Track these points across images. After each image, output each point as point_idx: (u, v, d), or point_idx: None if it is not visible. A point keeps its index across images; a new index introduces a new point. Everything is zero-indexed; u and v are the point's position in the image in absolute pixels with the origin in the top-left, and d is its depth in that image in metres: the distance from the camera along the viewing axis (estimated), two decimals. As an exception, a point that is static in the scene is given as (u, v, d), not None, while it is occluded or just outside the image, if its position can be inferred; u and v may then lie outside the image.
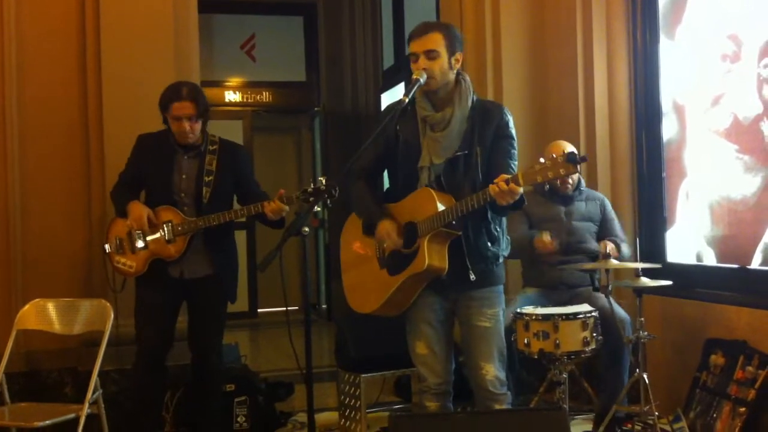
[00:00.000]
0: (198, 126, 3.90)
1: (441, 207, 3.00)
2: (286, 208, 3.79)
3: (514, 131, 3.16)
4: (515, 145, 3.15)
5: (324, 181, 3.47)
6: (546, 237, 4.22)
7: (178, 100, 3.84)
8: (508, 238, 3.27)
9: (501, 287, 3.24)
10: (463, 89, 3.15)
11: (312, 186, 3.50)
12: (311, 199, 3.48)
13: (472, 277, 3.08)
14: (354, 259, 3.35)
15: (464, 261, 3.07)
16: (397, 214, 3.17)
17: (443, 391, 3.22)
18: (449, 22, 3.54)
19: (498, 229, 3.17)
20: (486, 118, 3.12)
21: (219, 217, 3.81)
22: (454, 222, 2.99)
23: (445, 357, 3.22)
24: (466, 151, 3.08)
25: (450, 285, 3.13)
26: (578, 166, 2.74)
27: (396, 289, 3.12)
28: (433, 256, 3.02)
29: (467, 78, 3.20)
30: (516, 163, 3.13)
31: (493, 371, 3.13)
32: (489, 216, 3.11)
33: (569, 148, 4.47)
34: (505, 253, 3.23)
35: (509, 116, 3.16)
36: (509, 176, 2.83)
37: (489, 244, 3.13)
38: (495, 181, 2.83)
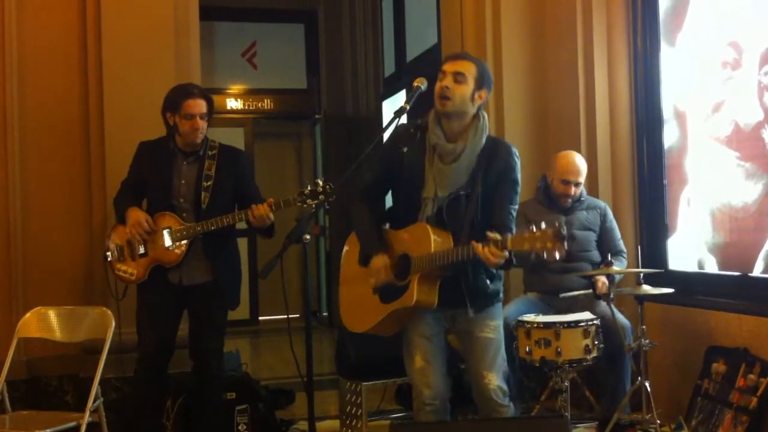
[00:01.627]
0: (205, 126, 3.92)
1: (435, 246, 3.01)
2: (272, 216, 3.78)
3: (519, 175, 3.18)
4: (518, 189, 3.18)
5: (321, 183, 3.47)
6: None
7: (192, 98, 3.87)
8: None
9: (500, 303, 3.27)
10: (479, 126, 3.15)
11: (309, 188, 3.50)
12: (308, 201, 3.48)
13: (471, 314, 3.12)
14: (352, 276, 3.36)
15: (464, 299, 3.10)
16: (394, 242, 3.19)
17: (439, 408, 3.20)
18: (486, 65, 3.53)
19: None
20: (494, 159, 3.13)
21: (217, 222, 3.80)
22: (444, 266, 3.02)
23: (441, 369, 3.22)
24: (470, 191, 3.10)
25: (448, 305, 3.15)
26: (564, 243, 2.74)
27: (385, 317, 3.16)
28: (422, 293, 3.05)
29: (486, 116, 3.21)
30: (516, 207, 3.17)
31: (496, 381, 3.14)
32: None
33: (582, 175, 4.47)
34: (501, 284, 3.25)
35: (517, 159, 3.18)
36: (498, 239, 2.83)
37: (488, 282, 3.15)
38: (484, 244, 2.84)
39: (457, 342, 3.34)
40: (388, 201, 3.42)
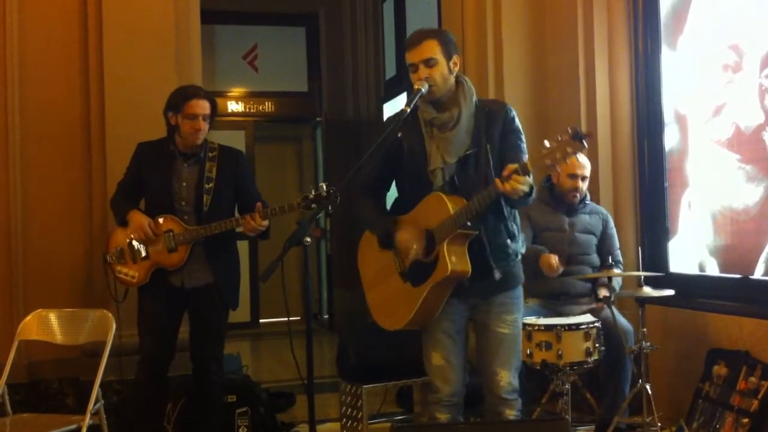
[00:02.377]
0: (208, 127, 3.92)
1: (453, 209, 2.97)
2: (265, 223, 3.78)
3: (520, 125, 3.16)
4: (523, 138, 3.14)
5: (325, 187, 3.47)
6: (554, 260, 4.21)
7: (196, 98, 3.87)
8: (524, 235, 3.26)
9: (520, 289, 3.24)
10: (466, 89, 3.15)
11: (313, 192, 3.50)
12: (313, 205, 3.48)
13: (498, 275, 3.06)
14: (375, 276, 3.30)
15: (487, 261, 3.05)
16: (409, 224, 3.14)
17: (455, 403, 3.19)
18: (444, 29, 3.52)
19: (514, 225, 3.16)
20: (491, 117, 3.12)
21: (220, 225, 3.80)
22: (468, 223, 2.97)
23: (460, 368, 3.20)
24: (476, 149, 3.08)
25: (472, 288, 3.10)
26: (584, 142, 2.70)
27: (423, 300, 3.07)
28: (454, 261, 2.99)
29: (467, 79, 3.21)
30: (526, 156, 3.11)
31: (508, 377, 3.13)
32: (505, 213, 3.10)
33: (588, 168, 4.48)
34: (523, 250, 3.22)
35: (513, 111, 3.17)
36: (516, 165, 2.80)
37: (509, 240, 3.12)
38: (504, 174, 2.81)
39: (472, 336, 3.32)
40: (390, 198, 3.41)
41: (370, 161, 3.16)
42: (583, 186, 4.46)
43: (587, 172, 4.48)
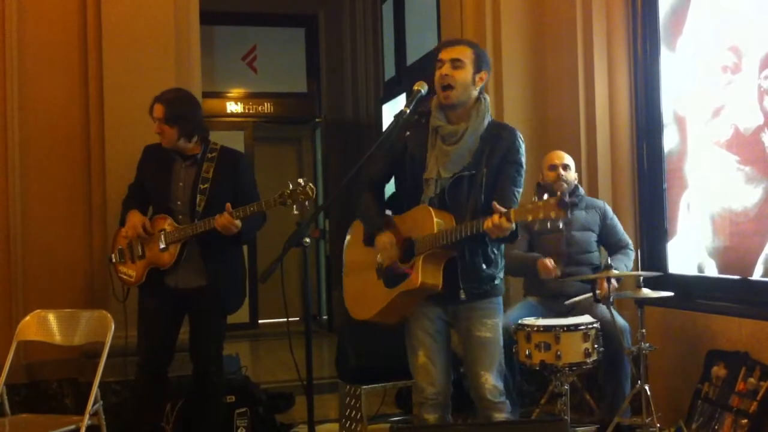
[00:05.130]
0: (171, 132, 3.87)
1: (437, 227, 3.01)
2: (238, 223, 3.72)
3: (523, 158, 3.17)
4: (522, 172, 3.16)
5: (302, 182, 3.48)
6: (550, 263, 4.22)
7: (155, 102, 3.90)
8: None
9: (500, 298, 3.25)
10: (481, 107, 3.16)
11: (290, 187, 3.50)
12: (289, 201, 3.49)
13: (462, 296, 3.11)
14: (356, 264, 3.38)
15: (456, 280, 3.09)
16: (398, 226, 3.18)
17: (441, 403, 3.21)
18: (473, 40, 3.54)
19: (495, 252, 3.18)
20: (498, 141, 3.13)
21: (205, 224, 3.75)
22: (449, 244, 3.01)
23: (444, 367, 3.22)
24: (473, 171, 3.09)
25: (447, 299, 3.14)
26: (568, 211, 2.74)
27: (389, 303, 3.14)
28: (426, 275, 3.04)
29: (487, 98, 3.23)
30: (520, 190, 3.15)
31: (492, 380, 3.15)
32: (486, 238, 3.10)
33: (566, 158, 4.50)
34: (501, 275, 3.24)
35: (521, 142, 3.18)
36: (503, 211, 2.84)
37: (484, 266, 3.14)
38: (490, 218, 2.85)
39: (457, 341, 3.34)
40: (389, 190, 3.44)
41: (371, 161, 3.18)
42: (568, 174, 4.46)
43: (567, 160, 4.51)
